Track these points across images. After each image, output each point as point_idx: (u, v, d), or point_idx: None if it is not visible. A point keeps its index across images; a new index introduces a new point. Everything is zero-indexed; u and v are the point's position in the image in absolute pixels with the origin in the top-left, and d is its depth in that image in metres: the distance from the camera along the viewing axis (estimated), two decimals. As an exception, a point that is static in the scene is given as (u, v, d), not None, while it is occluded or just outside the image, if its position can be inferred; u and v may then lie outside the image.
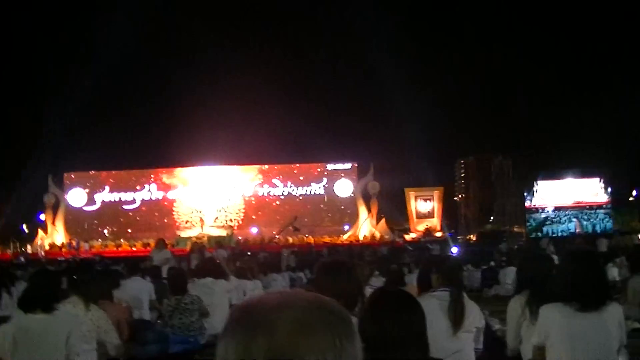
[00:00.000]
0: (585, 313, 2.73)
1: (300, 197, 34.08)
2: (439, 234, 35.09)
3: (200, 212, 31.91)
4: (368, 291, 4.83)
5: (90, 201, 32.31)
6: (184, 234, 29.83)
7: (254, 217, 33.05)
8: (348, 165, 36.11)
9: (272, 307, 0.81)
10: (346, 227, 34.95)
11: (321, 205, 34.90)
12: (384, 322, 1.91)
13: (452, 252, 31.65)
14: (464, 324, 3.13)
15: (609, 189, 35.82)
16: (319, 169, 35.28)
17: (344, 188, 36.49)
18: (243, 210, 33.31)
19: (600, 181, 35.68)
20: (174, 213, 32.77)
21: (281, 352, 0.77)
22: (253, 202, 33.52)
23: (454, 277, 3.35)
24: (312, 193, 34.32)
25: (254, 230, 31.54)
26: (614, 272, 11.65)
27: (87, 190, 32.40)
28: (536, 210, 35.39)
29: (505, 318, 3.57)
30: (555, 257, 5.84)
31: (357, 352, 0.82)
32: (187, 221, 32.22)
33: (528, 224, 35.37)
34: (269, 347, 0.78)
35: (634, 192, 60.54)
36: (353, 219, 34.78)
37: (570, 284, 2.79)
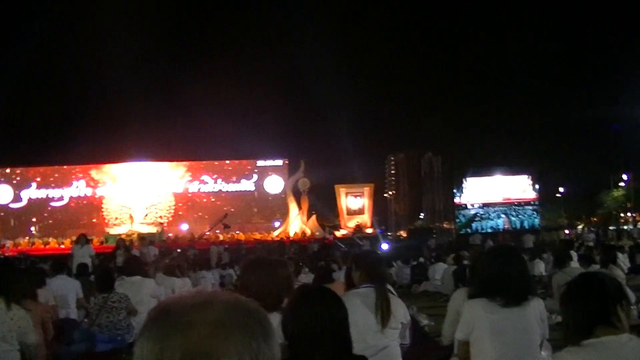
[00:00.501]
0: (507, 308, 2.83)
1: (230, 194, 34.25)
2: (369, 231, 35.85)
3: (130, 208, 31.93)
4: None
5: (17, 198, 31.95)
6: (113, 230, 29.68)
7: (183, 213, 33.28)
8: (279, 162, 36.21)
9: (189, 308, 0.82)
10: (277, 224, 34.96)
11: (252, 202, 35.16)
12: (304, 318, 1.96)
13: (382, 249, 32.52)
14: (390, 320, 3.18)
15: (537, 186, 37.85)
16: (249, 166, 35.54)
17: (275, 184, 36.52)
18: (173, 207, 33.57)
19: (528, 178, 37.33)
20: (103, 210, 32.69)
21: (196, 353, 0.78)
22: (183, 198, 33.62)
23: (375, 273, 3.36)
24: (243, 190, 34.78)
25: (184, 227, 31.67)
26: (540, 268, 12.33)
27: (13, 186, 32.06)
28: (465, 206, 36.66)
29: (434, 314, 3.71)
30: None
31: (275, 353, 0.83)
32: (116, 218, 32.22)
33: (457, 220, 36.78)
34: (185, 348, 0.79)
35: (561, 189, 64.51)
36: (284, 215, 34.85)
37: (493, 280, 2.88)
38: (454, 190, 36.26)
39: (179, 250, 17.35)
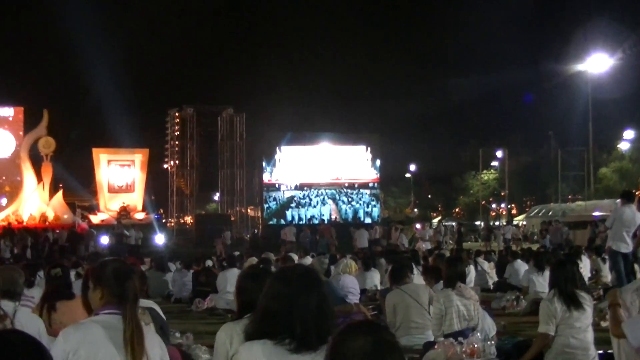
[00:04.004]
0: (300, 355, 2.86)
1: None
2: (140, 216, 35.22)
3: None
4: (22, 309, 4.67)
5: None
6: None
7: None
8: (8, 111, 34.00)
9: None
10: (4, 201, 33.04)
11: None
12: None
13: (157, 243, 32.32)
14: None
15: (378, 163, 37.81)
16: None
17: (2, 144, 34.26)
18: None
19: (367, 151, 37.49)
20: None
21: None
22: None
23: (123, 290, 3.35)
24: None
25: None
26: (374, 279, 13.23)
27: None
28: (278, 187, 36.60)
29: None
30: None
31: None
32: None
33: (266, 205, 36.79)
34: None
35: (411, 168, 68.94)
36: (15, 189, 32.99)
37: (279, 315, 2.94)
38: (263, 163, 36.17)
39: None
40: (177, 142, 64.45)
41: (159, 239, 32.31)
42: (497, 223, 50.72)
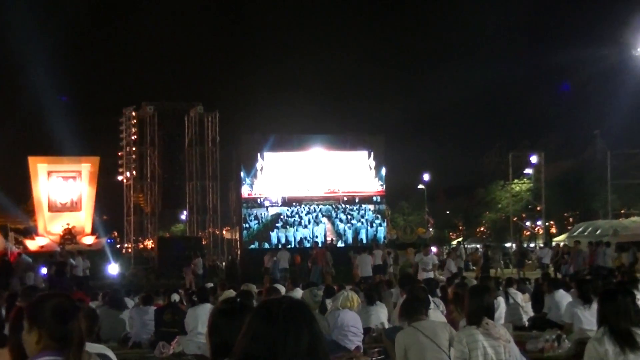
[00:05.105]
0: None
1: None
2: (89, 240, 35.16)
3: None
4: None
5: None
6: None
7: None
8: None
9: None
10: None
11: None
12: None
13: (110, 273, 32.23)
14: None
15: (383, 172, 38.61)
16: None
17: None
18: None
19: (369, 157, 38.31)
20: None
21: None
22: None
23: (66, 332, 3.38)
24: None
25: None
26: (380, 315, 13.24)
27: None
28: (260, 202, 36.92)
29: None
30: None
31: None
32: None
33: (246, 225, 36.85)
34: None
35: (425, 177, 68.64)
36: None
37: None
38: (242, 174, 36.41)
39: None
40: (134, 149, 63.82)
41: (113, 268, 32.27)
42: (531, 245, 50.74)
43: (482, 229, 72.67)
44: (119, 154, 61.88)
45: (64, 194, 34.60)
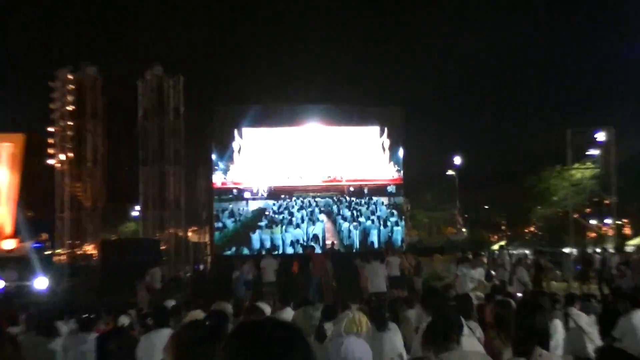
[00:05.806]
0: None
1: None
2: (10, 244, 35.18)
3: None
4: None
5: None
6: None
7: None
8: None
9: None
10: None
11: None
12: None
13: (37, 289, 32.22)
14: None
15: (401, 152, 38.44)
16: None
17: None
18: None
19: (382, 134, 38.62)
20: None
21: None
22: None
23: None
24: None
25: None
26: (396, 343, 13.26)
27: None
28: (238, 194, 37.31)
29: None
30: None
31: None
32: None
33: (218, 224, 37.18)
34: None
35: (455, 161, 68.56)
36: None
37: None
38: (213, 156, 36.77)
39: None
40: (70, 123, 63.91)
41: (41, 282, 32.30)
42: (597, 250, 50.73)
43: (531, 228, 72.72)
44: (50, 129, 61.51)
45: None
